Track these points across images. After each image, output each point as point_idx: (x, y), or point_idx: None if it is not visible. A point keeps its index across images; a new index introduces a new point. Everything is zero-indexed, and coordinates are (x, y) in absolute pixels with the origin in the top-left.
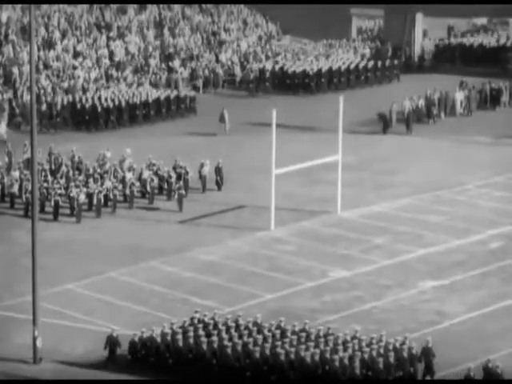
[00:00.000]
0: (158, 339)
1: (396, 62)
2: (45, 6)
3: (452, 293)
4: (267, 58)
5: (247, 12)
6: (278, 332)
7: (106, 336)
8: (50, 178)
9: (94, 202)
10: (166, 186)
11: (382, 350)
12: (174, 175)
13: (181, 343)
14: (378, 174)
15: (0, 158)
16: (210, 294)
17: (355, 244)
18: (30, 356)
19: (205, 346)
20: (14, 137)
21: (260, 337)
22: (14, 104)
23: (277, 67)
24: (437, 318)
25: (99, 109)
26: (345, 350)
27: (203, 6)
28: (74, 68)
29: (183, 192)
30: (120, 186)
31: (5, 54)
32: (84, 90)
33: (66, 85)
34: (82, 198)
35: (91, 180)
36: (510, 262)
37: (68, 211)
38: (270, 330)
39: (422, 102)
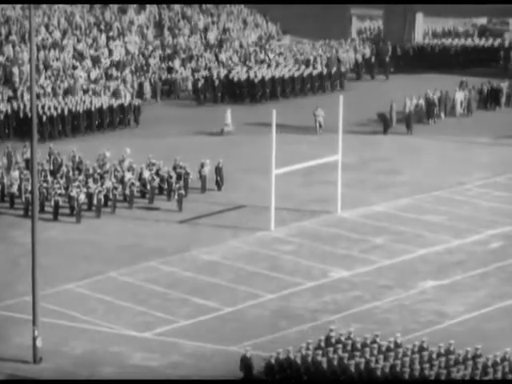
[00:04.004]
0: (298, 360)
1: (343, 69)
2: (44, 6)
3: (452, 293)
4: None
5: (247, 12)
6: (425, 354)
7: (240, 357)
8: (49, 178)
9: (94, 201)
10: (165, 186)
11: None
12: (174, 175)
13: (325, 365)
14: (378, 174)
15: None
16: (210, 293)
17: (355, 244)
18: (30, 356)
19: (353, 369)
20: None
21: (407, 359)
22: (14, 104)
23: (222, 75)
24: (437, 318)
25: (44, 118)
26: (495, 372)
27: (203, 6)
28: (74, 68)
29: (183, 192)
30: (120, 186)
31: (5, 54)
32: (84, 92)
33: (65, 85)
34: (82, 197)
35: (91, 180)
36: (509, 261)
37: (68, 211)
38: (413, 352)
39: (422, 102)
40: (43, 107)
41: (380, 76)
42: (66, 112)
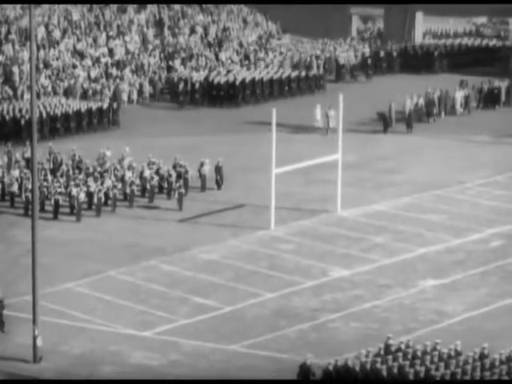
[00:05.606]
0: (357, 368)
1: (322, 71)
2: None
3: (452, 292)
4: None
5: (247, 11)
6: (487, 362)
7: (299, 365)
8: (49, 176)
9: (95, 200)
10: (165, 185)
11: None
12: (173, 174)
13: (384, 373)
14: (378, 173)
15: (0, 157)
16: (209, 293)
17: (355, 243)
18: (30, 355)
19: (412, 377)
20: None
21: (469, 367)
22: (14, 103)
23: (202, 78)
24: (437, 317)
25: (22, 122)
26: None
27: (203, 5)
28: (74, 67)
29: (183, 191)
30: (120, 185)
31: (5, 53)
32: (85, 92)
33: (65, 84)
34: (82, 196)
35: (91, 179)
36: (510, 260)
37: (68, 210)
38: (474, 360)
39: (422, 101)
40: (20, 111)
41: (362, 78)
42: (44, 115)
